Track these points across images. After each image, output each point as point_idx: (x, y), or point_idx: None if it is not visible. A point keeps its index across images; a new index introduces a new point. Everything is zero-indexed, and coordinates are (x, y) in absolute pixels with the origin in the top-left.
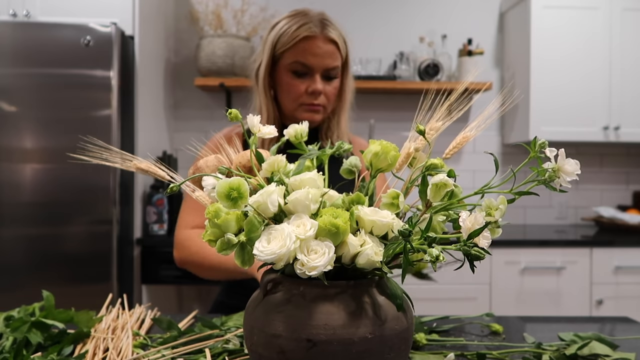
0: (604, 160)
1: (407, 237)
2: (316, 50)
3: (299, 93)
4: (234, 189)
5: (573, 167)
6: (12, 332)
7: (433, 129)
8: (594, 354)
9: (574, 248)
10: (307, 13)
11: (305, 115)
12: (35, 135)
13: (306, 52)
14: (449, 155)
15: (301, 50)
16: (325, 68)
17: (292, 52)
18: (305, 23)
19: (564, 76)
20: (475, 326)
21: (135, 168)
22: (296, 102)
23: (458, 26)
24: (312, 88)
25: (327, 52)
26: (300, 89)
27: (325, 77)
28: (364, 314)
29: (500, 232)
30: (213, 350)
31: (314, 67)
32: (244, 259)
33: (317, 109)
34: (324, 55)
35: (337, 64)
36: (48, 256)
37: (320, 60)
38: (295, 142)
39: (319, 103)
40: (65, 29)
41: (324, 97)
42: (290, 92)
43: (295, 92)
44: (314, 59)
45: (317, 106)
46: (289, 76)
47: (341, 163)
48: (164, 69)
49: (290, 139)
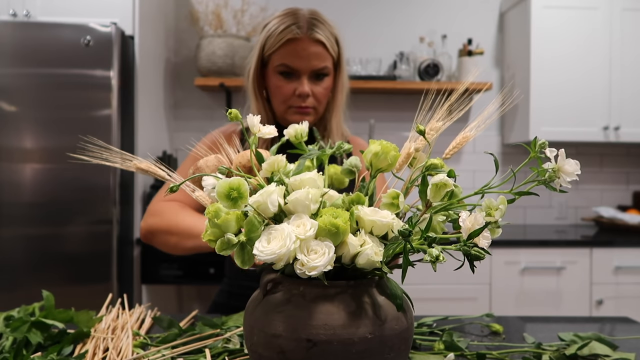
0: (604, 160)
1: (407, 237)
2: (301, 52)
3: (287, 95)
4: (234, 188)
5: (573, 167)
6: (12, 332)
7: (433, 129)
8: (594, 354)
9: (574, 248)
10: (296, 13)
11: (295, 117)
12: (35, 135)
13: (291, 54)
14: (449, 155)
15: (287, 52)
16: (311, 69)
17: (278, 55)
18: (291, 24)
19: (564, 76)
20: (475, 326)
21: (135, 168)
22: (285, 104)
23: (458, 26)
24: (299, 91)
25: (313, 54)
26: (288, 91)
27: (314, 78)
28: (364, 314)
29: (500, 232)
30: (213, 350)
31: (299, 69)
32: (243, 259)
33: (307, 111)
34: (310, 57)
35: (325, 65)
36: (48, 256)
37: (306, 63)
38: (295, 142)
39: (307, 105)
40: (65, 29)
41: (312, 99)
42: (279, 95)
43: (284, 94)
44: (300, 62)
45: (306, 108)
46: (277, 78)
47: (340, 163)
48: (164, 69)
49: (291, 139)
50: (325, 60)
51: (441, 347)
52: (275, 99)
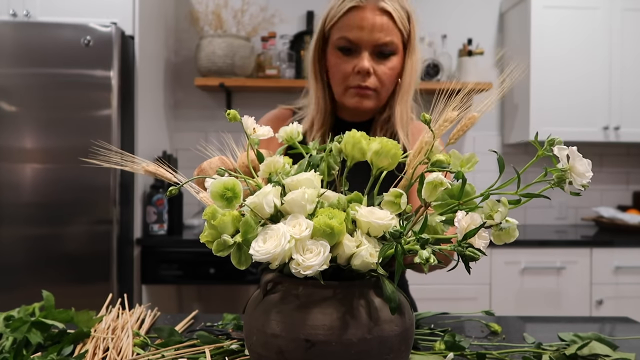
0: (604, 160)
1: (398, 238)
2: (363, 22)
3: (345, 73)
4: (228, 189)
5: (585, 167)
6: (12, 332)
7: (447, 119)
8: (594, 354)
9: (574, 248)
10: None
11: (352, 100)
12: (35, 135)
13: (352, 25)
14: (453, 139)
15: (348, 23)
16: (374, 44)
17: (338, 27)
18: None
19: (564, 76)
20: (475, 326)
21: (143, 171)
22: (343, 85)
23: (458, 26)
24: (358, 67)
25: (378, 25)
26: (347, 68)
27: (378, 55)
28: (363, 314)
29: (517, 234)
30: (213, 350)
31: (360, 42)
32: (240, 259)
33: (367, 93)
34: (373, 28)
35: (391, 39)
36: (48, 256)
37: (368, 35)
38: (289, 144)
39: (367, 85)
40: (65, 29)
41: (374, 78)
42: (337, 73)
43: (342, 72)
44: (361, 33)
45: (366, 89)
46: (336, 55)
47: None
48: (164, 69)
49: (283, 141)
50: (392, 34)
51: (442, 347)
52: (334, 79)
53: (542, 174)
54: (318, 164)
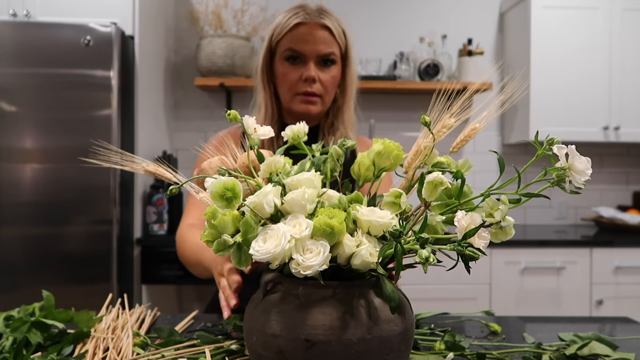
0: (604, 161)
1: (398, 237)
2: (308, 36)
3: (293, 81)
4: (229, 189)
5: (584, 165)
6: (12, 332)
7: (446, 126)
8: (594, 354)
9: (574, 248)
10: (305, 5)
11: (301, 106)
12: (35, 135)
13: (298, 38)
14: (456, 148)
15: (294, 37)
16: (318, 54)
17: (285, 40)
18: (299, 12)
19: (564, 76)
20: (475, 326)
21: (143, 171)
22: (291, 92)
23: (458, 26)
24: (305, 75)
25: (321, 38)
26: (294, 76)
27: (322, 64)
28: (362, 314)
29: (513, 232)
30: (213, 350)
31: (306, 53)
32: (240, 259)
33: (313, 99)
34: (317, 41)
35: (332, 51)
36: (48, 256)
37: (312, 47)
38: (294, 143)
39: (313, 91)
40: (65, 29)
41: (319, 85)
42: (285, 81)
43: (290, 80)
44: (306, 46)
45: (312, 95)
46: (284, 65)
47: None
48: (164, 69)
49: (288, 140)
50: (332, 46)
51: (442, 347)
52: (282, 87)
53: (542, 173)
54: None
